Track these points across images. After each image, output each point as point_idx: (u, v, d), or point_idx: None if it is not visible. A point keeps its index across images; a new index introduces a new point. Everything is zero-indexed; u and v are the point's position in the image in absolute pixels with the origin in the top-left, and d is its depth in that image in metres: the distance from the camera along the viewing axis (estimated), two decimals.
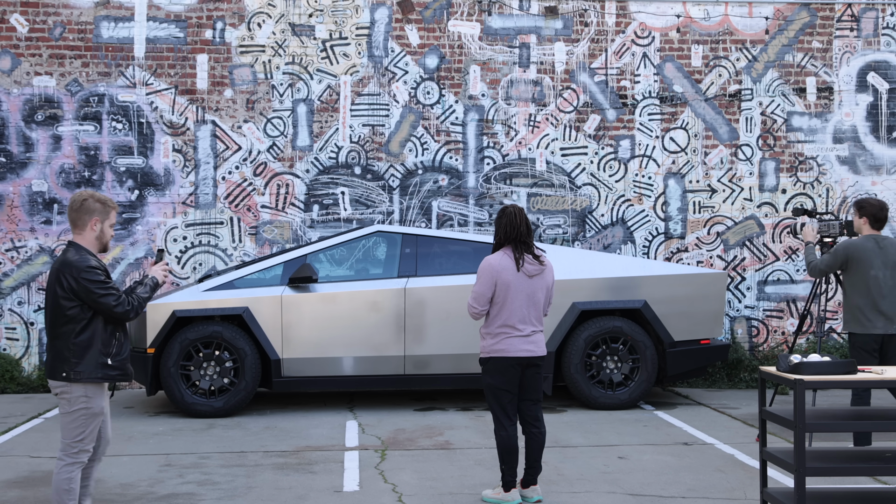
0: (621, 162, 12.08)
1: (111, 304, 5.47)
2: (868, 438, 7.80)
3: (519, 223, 6.63)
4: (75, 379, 5.46)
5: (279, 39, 11.80)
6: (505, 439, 6.61)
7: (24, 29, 11.58)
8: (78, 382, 5.47)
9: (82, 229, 5.58)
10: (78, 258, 5.48)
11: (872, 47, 12.30)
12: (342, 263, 10.31)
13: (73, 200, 5.61)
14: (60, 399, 5.53)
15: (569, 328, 9.96)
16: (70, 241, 5.61)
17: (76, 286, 5.43)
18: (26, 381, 11.31)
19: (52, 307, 5.49)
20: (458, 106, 11.96)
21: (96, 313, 5.50)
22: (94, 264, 5.49)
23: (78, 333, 5.46)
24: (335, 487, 7.17)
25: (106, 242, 5.66)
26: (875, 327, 7.83)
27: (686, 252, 12.09)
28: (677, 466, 7.70)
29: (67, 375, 5.45)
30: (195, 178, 11.70)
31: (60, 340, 5.48)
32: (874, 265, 7.85)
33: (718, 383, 11.54)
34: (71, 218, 5.60)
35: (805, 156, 12.24)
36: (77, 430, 5.52)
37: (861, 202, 8.12)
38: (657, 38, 12.13)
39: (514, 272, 6.57)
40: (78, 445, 5.54)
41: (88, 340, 5.48)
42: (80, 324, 5.47)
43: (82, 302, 5.45)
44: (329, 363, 9.83)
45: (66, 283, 5.43)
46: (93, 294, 5.43)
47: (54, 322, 5.50)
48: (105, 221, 5.61)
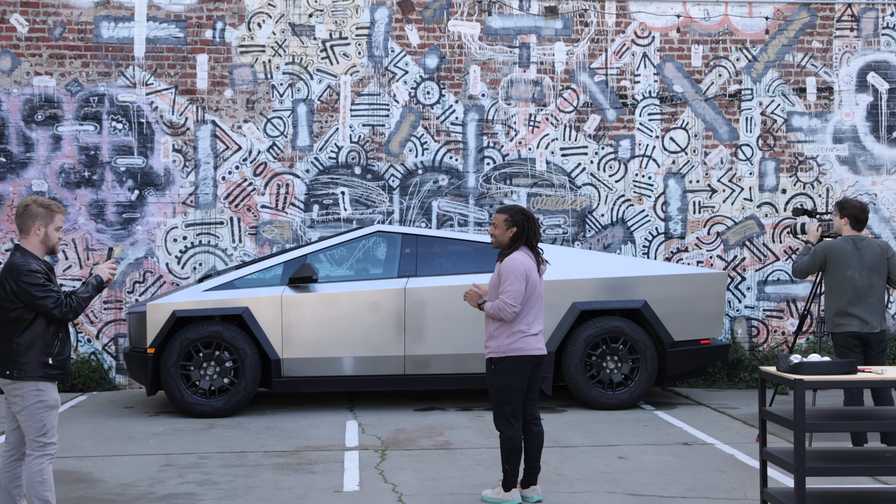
0: (621, 162, 12.08)
1: (49, 307, 5.59)
2: (865, 437, 7.82)
3: (536, 227, 6.73)
4: (19, 377, 5.61)
5: (279, 39, 11.80)
6: (512, 440, 6.61)
7: (24, 29, 11.58)
8: (21, 380, 5.61)
9: (27, 233, 5.71)
10: (21, 262, 5.62)
11: (872, 47, 12.30)
12: (342, 263, 10.31)
13: (18, 206, 5.77)
14: (11, 397, 5.66)
15: (569, 328, 9.96)
16: (16, 245, 5.75)
17: (17, 289, 5.57)
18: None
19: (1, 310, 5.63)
20: (458, 106, 11.96)
21: (38, 315, 5.62)
22: (34, 268, 5.61)
23: (20, 334, 5.60)
24: (335, 487, 7.17)
25: (52, 245, 5.77)
26: (850, 325, 7.89)
27: (686, 252, 12.09)
28: (677, 466, 7.70)
29: (11, 373, 5.61)
30: (195, 178, 11.70)
31: (5, 341, 5.62)
32: (850, 266, 7.89)
33: (718, 383, 11.54)
34: (17, 223, 5.75)
35: (805, 156, 12.24)
36: (38, 423, 5.65)
37: (842, 203, 8.17)
38: (657, 38, 12.13)
39: (536, 271, 6.66)
40: (43, 439, 5.67)
41: (31, 341, 5.62)
42: (22, 325, 5.61)
43: (24, 304, 5.58)
44: (329, 363, 9.83)
45: (9, 287, 5.58)
46: (32, 297, 5.57)
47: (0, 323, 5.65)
48: (49, 225, 5.72)
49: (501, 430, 6.65)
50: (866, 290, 7.90)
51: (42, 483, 5.62)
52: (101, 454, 8.26)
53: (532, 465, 6.77)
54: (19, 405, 5.64)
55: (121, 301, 11.58)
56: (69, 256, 11.54)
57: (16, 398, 5.65)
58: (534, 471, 6.79)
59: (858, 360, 7.79)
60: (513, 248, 6.67)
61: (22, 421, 5.67)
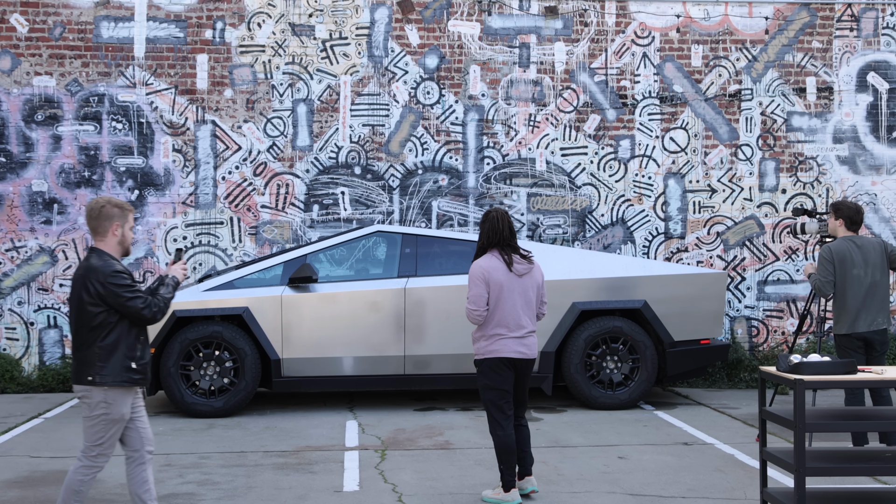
0: (621, 162, 12.08)
1: (139, 307, 5.49)
2: (865, 437, 7.82)
3: (502, 227, 6.67)
4: (100, 383, 5.46)
5: (279, 39, 11.80)
6: (502, 439, 6.66)
7: (24, 29, 11.58)
8: (102, 386, 5.46)
9: (104, 235, 5.60)
10: (102, 263, 5.50)
11: (872, 47, 12.30)
12: (342, 263, 10.31)
13: (90, 208, 5.62)
14: (82, 403, 5.55)
15: (569, 328, 9.96)
16: (92, 248, 5.63)
17: (103, 291, 5.44)
18: (26, 381, 11.32)
19: (78, 313, 5.50)
20: (458, 106, 11.96)
21: (122, 317, 5.51)
22: (119, 269, 5.51)
23: (104, 338, 5.47)
24: (335, 487, 7.17)
25: (127, 246, 5.68)
26: (859, 325, 7.89)
27: (686, 252, 12.09)
28: (677, 466, 7.70)
29: (93, 379, 5.46)
30: (195, 178, 11.70)
31: (87, 345, 5.49)
32: (855, 264, 7.91)
33: (718, 383, 11.54)
34: (91, 226, 5.62)
35: (805, 156, 12.24)
36: (96, 434, 5.53)
37: (837, 204, 8.17)
38: (657, 38, 12.13)
39: (506, 273, 6.63)
40: (97, 449, 5.55)
41: (114, 344, 5.49)
42: (106, 329, 5.48)
43: (109, 307, 5.47)
44: (329, 363, 9.83)
45: (93, 289, 5.45)
46: (120, 298, 5.46)
47: (80, 328, 5.50)
48: (125, 225, 5.64)
49: (491, 430, 6.72)
50: (871, 287, 7.90)
51: (77, 493, 5.53)
52: None
53: (523, 456, 6.83)
54: (86, 412, 5.54)
55: None
56: (69, 256, 11.54)
57: (84, 405, 5.53)
58: (526, 462, 6.84)
59: (860, 361, 7.79)
60: (479, 253, 6.72)
61: (84, 427, 5.57)
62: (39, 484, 7.30)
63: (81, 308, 5.48)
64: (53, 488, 7.16)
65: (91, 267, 5.50)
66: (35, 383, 11.30)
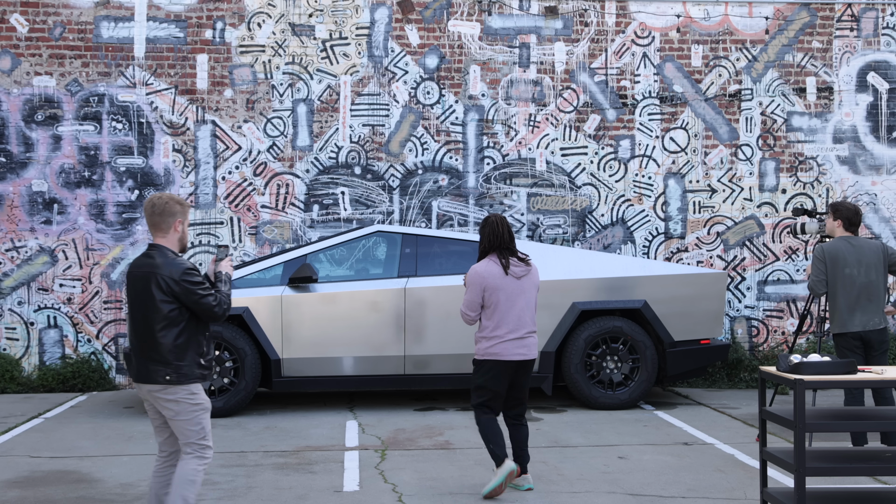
0: (621, 162, 12.08)
1: (212, 304, 5.44)
2: (865, 437, 7.82)
3: (502, 231, 6.87)
4: (178, 381, 5.40)
5: (279, 39, 11.80)
6: (487, 422, 6.86)
7: (24, 29, 11.58)
8: (180, 385, 5.41)
9: (166, 232, 5.55)
10: (172, 261, 5.44)
11: (872, 47, 12.30)
12: (342, 263, 10.31)
13: (153, 204, 5.55)
14: (166, 403, 5.43)
15: (569, 328, 9.96)
16: (153, 245, 5.56)
17: (177, 289, 5.38)
18: (26, 381, 11.32)
19: (149, 312, 5.40)
20: (458, 106, 11.96)
21: (192, 315, 5.46)
22: (190, 266, 5.46)
23: (177, 336, 5.41)
24: (335, 487, 7.16)
25: (185, 243, 5.65)
26: (854, 324, 7.88)
27: (686, 252, 12.09)
28: (677, 466, 7.70)
29: (171, 378, 5.39)
30: (195, 178, 11.70)
31: (158, 344, 5.39)
32: (848, 263, 7.92)
33: (718, 383, 11.54)
34: (153, 221, 5.56)
35: (805, 156, 12.24)
36: (195, 427, 5.46)
37: (836, 205, 8.18)
38: (657, 38, 12.13)
39: (503, 277, 6.82)
40: (203, 441, 5.48)
41: (186, 342, 5.44)
42: (178, 326, 5.41)
43: (181, 304, 5.41)
44: (329, 363, 9.83)
45: (166, 286, 5.38)
46: (194, 295, 5.40)
47: (149, 326, 5.41)
48: (185, 222, 5.62)
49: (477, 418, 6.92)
50: (866, 286, 7.91)
51: (192, 483, 5.43)
52: (101, 454, 8.25)
53: (520, 454, 6.98)
54: (174, 410, 5.43)
55: (121, 301, 11.58)
56: (69, 256, 11.54)
57: (169, 404, 5.42)
58: (522, 460, 6.99)
59: (859, 361, 7.79)
60: (482, 257, 6.93)
61: (178, 426, 5.46)
62: (39, 484, 7.29)
63: (153, 306, 5.39)
64: (53, 488, 7.16)
65: (160, 264, 5.43)
66: (35, 383, 11.30)
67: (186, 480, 5.42)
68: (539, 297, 9.80)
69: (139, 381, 5.48)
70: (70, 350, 11.53)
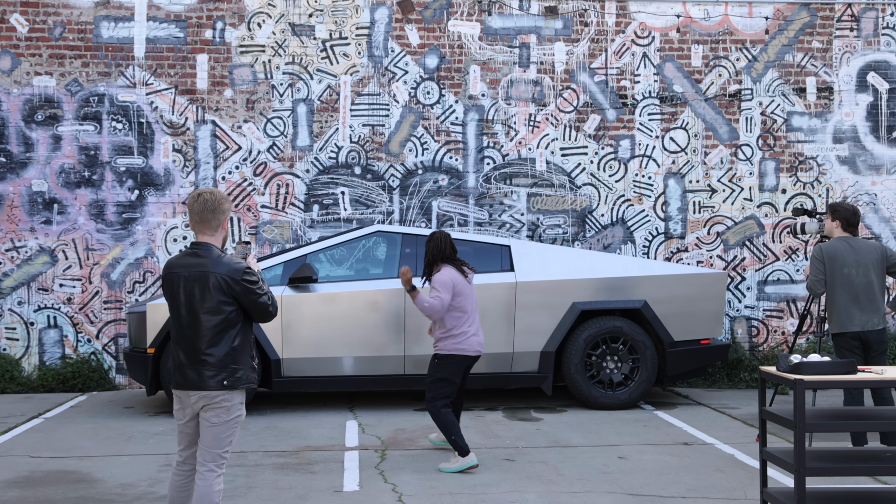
0: (621, 162, 12.08)
1: (267, 304, 5.23)
2: (865, 437, 7.82)
3: (444, 246, 7.85)
4: (233, 386, 5.13)
5: (279, 39, 11.80)
6: (447, 415, 7.67)
7: (24, 29, 11.58)
8: (237, 389, 5.15)
9: (215, 229, 5.25)
10: (229, 260, 5.18)
11: (872, 47, 12.30)
12: (342, 263, 10.30)
13: (205, 200, 5.21)
14: (215, 408, 5.14)
15: (569, 328, 9.96)
16: (200, 243, 5.24)
17: (238, 289, 5.14)
18: (26, 381, 11.32)
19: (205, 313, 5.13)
20: (458, 106, 11.96)
21: (246, 316, 5.23)
22: (247, 266, 5.20)
23: (234, 338, 5.15)
24: (335, 487, 7.17)
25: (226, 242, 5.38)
26: (853, 324, 7.89)
27: (686, 252, 12.09)
28: (677, 466, 7.70)
29: (230, 384, 5.12)
30: (195, 178, 11.70)
31: (215, 347, 5.12)
32: (846, 263, 7.92)
33: (718, 383, 11.54)
34: (203, 217, 5.21)
35: (805, 156, 12.24)
36: (230, 437, 5.20)
37: (834, 206, 8.19)
38: (657, 38, 12.13)
39: (465, 282, 7.80)
40: (226, 454, 5.22)
41: (243, 345, 5.20)
42: (235, 328, 5.17)
43: (239, 305, 5.17)
44: (329, 363, 9.83)
45: (226, 286, 5.12)
46: (253, 295, 5.17)
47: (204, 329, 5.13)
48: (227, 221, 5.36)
49: (434, 411, 7.67)
50: (864, 286, 7.91)
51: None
52: (101, 454, 8.25)
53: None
54: (222, 417, 5.15)
55: (121, 301, 11.58)
56: (69, 256, 11.54)
57: (220, 410, 5.14)
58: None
59: (859, 362, 7.79)
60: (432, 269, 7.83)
61: (214, 433, 5.14)
62: (39, 484, 7.29)
63: (211, 308, 5.11)
64: (53, 488, 7.16)
65: (214, 263, 5.14)
66: (35, 383, 11.30)
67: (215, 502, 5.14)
68: (539, 298, 9.93)
69: (188, 388, 5.15)
70: (70, 350, 11.53)
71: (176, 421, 5.32)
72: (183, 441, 5.30)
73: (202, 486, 5.13)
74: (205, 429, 5.17)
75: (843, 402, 8.05)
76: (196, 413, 5.21)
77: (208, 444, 5.17)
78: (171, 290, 5.22)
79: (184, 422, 5.27)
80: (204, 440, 5.18)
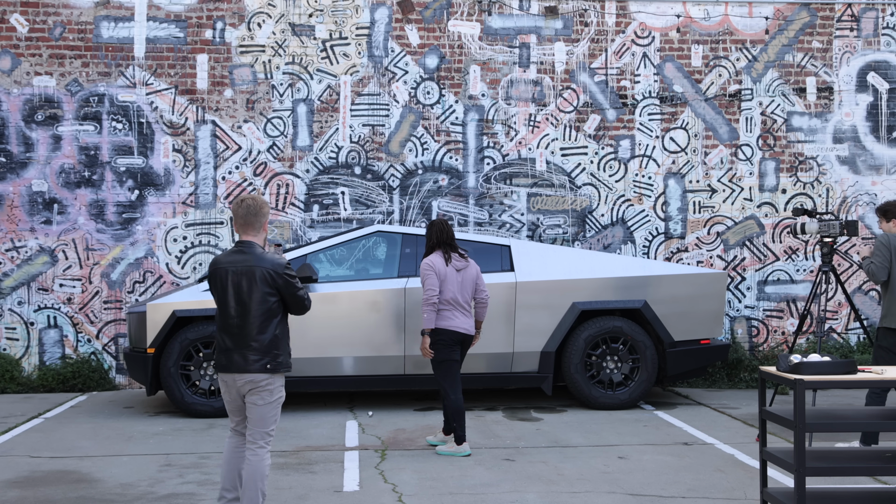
0: (621, 162, 12.08)
1: (305, 298, 5.86)
2: (875, 437, 7.78)
3: (445, 230, 8.21)
4: (275, 370, 5.74)
5: (279, 39, 11.80)
6: (455, 402, 8.02)
7: (24, 29, 11.58)
8: (278, 373, 5.77)
9: (257, 230, 5.88)
10: (272, 256, 5.80)
11: (872, 47, 12.30)
12: (342, 263, 10.30)
13: (251, 205, 5.85)
14: (260, 391, 5.74)
15: (569, 328, 9.96)
16: (245, 242, 5.85)
17: (280, 282, 5.75)
18: (26, 381, 11.32)
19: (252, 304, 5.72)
20: (458, 106, 11.96)
21: (285, 308, 5.83)
22: (288, 262, 5.85)
23: (277, 326, 5.77)
24: (335, 487, 7.17)
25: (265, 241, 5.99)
26: None
27: (686, 252, 12.09)
28: (677, 466, 7.70)
29: (273, 368, 5.73)
30: (195, 178, 11.70)
31: (261, 335, 5.72)
32: None
33: (718, 383, 11.54)
34: (247, 220, 5.85)
35: (805, 156, 12.24)
36: (274, 417, 5.80)
37: (885, 206, 8.22)
38: (657, 38, 12.13)
39: (444, 266, 8.10)
40: (272, 431, 5.84)
41: (284, 333, 5.83)
42: (277, 317, 5.78)
43: (280, 297, 5.78)
44: (329, 363, 9.83)
45: (271, 279, 5.73)
46: (293, 288, 5.79)
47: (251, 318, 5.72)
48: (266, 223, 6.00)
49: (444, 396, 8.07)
50: None
51: (265, 477, 5.77)
52: (101, 454, 8.25)
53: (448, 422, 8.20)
54: (266, 399, 5.76)
55: (121, 301, 11.58)
56: (69, 256, 11.54)
57: (265, 392, 5.75)
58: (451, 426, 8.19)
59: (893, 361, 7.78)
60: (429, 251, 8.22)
61: (260, 413, 5.75)
62: (39, 484, 7.29)
63: (259, 299, 5.72)
64: (53, 488, 7.16)
65: (259, 259, 5.76)
66: (35, 383, 11.31)
67: (262, 475, 5.74)
68: (539, 297, 9.94)
69: (235, 371, 5.74)
70: (70, 350, 11.53)
71: (224, 401, 5.92)
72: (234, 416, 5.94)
73: (254, 460, 5.75)
74: (251, 411, 5.78)
75: (866, 403, 8.03)
76: (241, 395, 5.81)
77: (256, 424, 5.78)
78: (221, 283, 5.83)
79: (229, 400, 5.88)
80: (252, 421, 5.78)
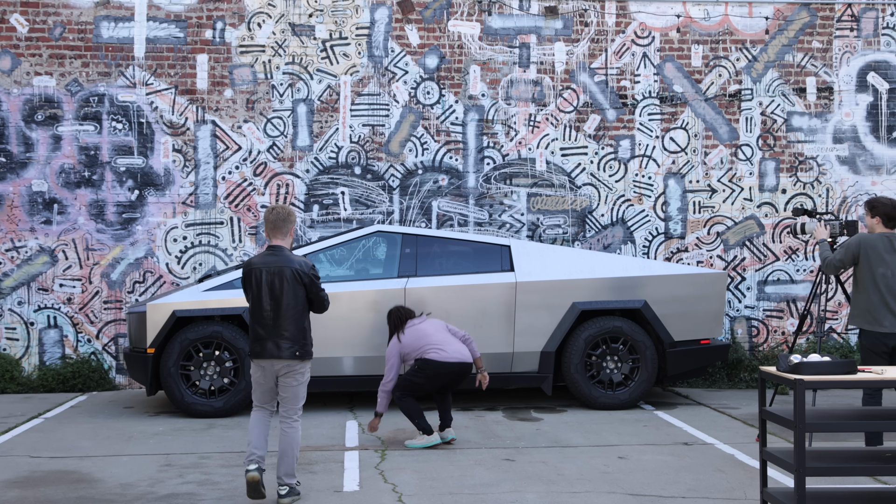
0: (621, 162, 12.08)
1: (325, 296, 6.91)
2: (880, 437, 7.69)
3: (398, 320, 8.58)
4: (303, 356, 6.72)
5: (279, 39, 11.80)
6: (408, 402, 8.37)
7: (24, 29, 11.58)
8: (306, 360, 6.75)
9: (286, 235, 6.84)
10: (300, 258, 6.80)
11: (872, 47, 12.31)
12: (342, 263, 10.30)
13: (280, 212, 6.79)
14: (294, 374, 6.73)
15: (569, 328, 9.96)
16: (275, 245, 6.78)
17: (307, 281, 6.74)
18: (26, 381, 11.32)
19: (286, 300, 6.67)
20: (458, 106, 11.96)
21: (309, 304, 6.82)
22: (313, 264, 6.87)
23: (303, 320, 6.75)
24: (335, 487, 7.16)
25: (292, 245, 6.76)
26: (882, 325, 7.75)
27: (686, 252, 12.09)
28: (677, 466, 7.70)
29: (302, 355, 6.71)
30: (195, 178, 11.70)
31: (292, 326, 6.68)
32: (883, 262, 7.78)
33: (718, 383, 11.54)
34: (277, 226, 6.78)
35: (805, 156, 12.24)
36: (303, 395, 6.81)
37: (873, 202, 8.02)
38: (657, 38, 12.13)
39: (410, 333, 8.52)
40: (301, 408, 6.83)
41: (308, 325, 6.82)
42: (306, 312, 6.79)
43: (307, 294, 6.75)
44: (329, 363, 9.83)
45: (299, 277, 6.70)
46: (316, 288, 6.82)
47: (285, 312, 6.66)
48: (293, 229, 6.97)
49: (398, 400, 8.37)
50: None
51: (298, 445, 6.78)
52: (101, 454, 8.25)
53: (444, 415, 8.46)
54: (299, 381, 6.76)
55: (121, 301, 11.58)
56: (69, 256, 11.54)
57: (298, 374, 6.74)
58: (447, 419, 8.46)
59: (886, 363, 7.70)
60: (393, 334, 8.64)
61: (294, 392, 6.75)
62: (39, 484, 7.29)
63: (292, 295, 6.69)
64: (53, 488, 7.16)
65: (290, 260, 6.72)
66: (35, 383, 11.30)
67: (297, 443, 6.76)
68: (539, 298, 9.96)
69: (271, 357, 6.68)
70: (70, 350, 11.53)
71: (254, 382, 6.82)
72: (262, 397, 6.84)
73: (290, 432, 6.76)
74: (286, 391, 6.77)
75: (862, 403, 7.97)
76: (276, 377, 6.77)
77: (290, 402, 6.78)
78: (256, 282, 6.74)
79: (262, 382, 6.78)
80: (286, 399, 6.77)
